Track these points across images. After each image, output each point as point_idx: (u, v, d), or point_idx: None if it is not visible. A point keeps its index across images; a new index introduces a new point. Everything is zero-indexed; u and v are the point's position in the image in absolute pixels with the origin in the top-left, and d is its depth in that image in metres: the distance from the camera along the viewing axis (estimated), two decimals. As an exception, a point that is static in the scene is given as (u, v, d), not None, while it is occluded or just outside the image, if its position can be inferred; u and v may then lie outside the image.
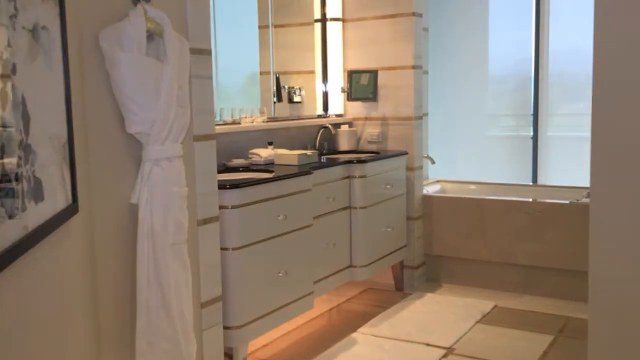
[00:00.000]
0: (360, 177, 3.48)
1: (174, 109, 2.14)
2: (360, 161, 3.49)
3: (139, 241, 2.12)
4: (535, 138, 4.89)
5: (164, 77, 2.11)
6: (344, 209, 3.45)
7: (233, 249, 2.61)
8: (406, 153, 3.97)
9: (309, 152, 3.31)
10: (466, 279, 4.03)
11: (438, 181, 4.76)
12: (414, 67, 3.96)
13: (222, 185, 2.56)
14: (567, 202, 3.69)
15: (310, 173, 3.03)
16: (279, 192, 2.82)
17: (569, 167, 4.86)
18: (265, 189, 2.74)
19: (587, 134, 2.26)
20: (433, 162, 4.55)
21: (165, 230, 2.14)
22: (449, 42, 5.24)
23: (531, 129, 4.95)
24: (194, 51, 2.33)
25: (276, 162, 3.26)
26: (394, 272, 4.02)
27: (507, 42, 5.02)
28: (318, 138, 3.95)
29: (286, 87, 3.96)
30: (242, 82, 3.99)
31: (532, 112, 4.89)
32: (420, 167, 4.13)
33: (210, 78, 2.44)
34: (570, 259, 3.64)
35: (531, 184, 4.86)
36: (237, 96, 3.88)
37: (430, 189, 4.49)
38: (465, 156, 5.29)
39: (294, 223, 2.91)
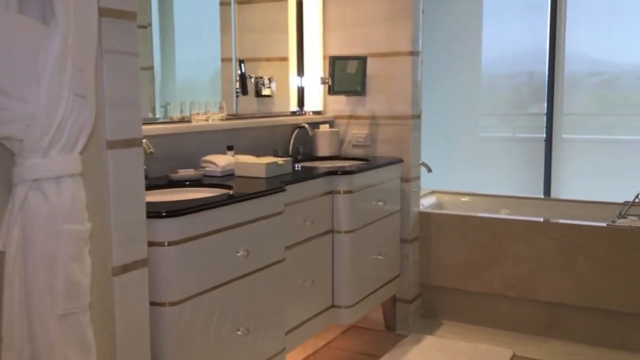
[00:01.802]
0: (346, 192, 2.71)
1: (65, 98, 1.34)
2: (346, 172, 2.71)
3: (5, 312, 1.33)
4: (548, 141, 4.17)
5: (49, 49, 1.32)
6: (325, 233, 2.67)
7: (170, 303, 1.81)
8: (401, 160, 3.20)
9: (280, 160, 2.52)
10: (473, 317, 3.28)
11: (433, 192, 4.02)
12: (411, 54, 3.19)
13: (155, 213, 1.76)
14: (604, 224, 2.97)
15: (283, 190, 2.24)
16: (239, 217, 2.02)
17: (585, 174, 4.18)
18: (219, 214, 1.94)
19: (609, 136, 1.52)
20: (430, 171, 3.79)
21: (50, 293, 1.34)
22: (439, 33, 4.50)
23: (544, 130, 4.24)
24: (108, 12, 1.53)
25: (238, 173, 2.46)
26: (384, 308, 3.26)
27: (503, 36, 4.31)
28: (292, 141, 3.16)
29: (253, 77, 3.16)
30: (200, 71, 3.17)
31: (545, 112, 4.18)
32: (418, 178, 3.37)
33: (136, 55, 1.63)
34: (605, 296, 2.93)
35: (543, 197, 4.15)
36: (194, 88, 3.06)
37: (425, 202, 3.74)
38: (459, 160, 4.57)
39: (259, 259, 2.12)
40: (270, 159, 2.54)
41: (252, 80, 3.17)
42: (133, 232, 1.63)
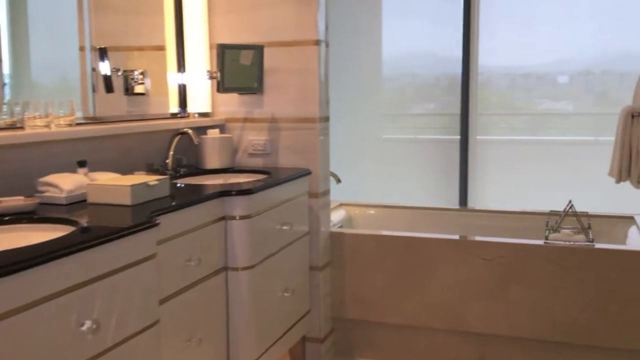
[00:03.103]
0: (243, 217, 2.11)
1: None
2: (242, 191, 2.11)
3: None
4: (464, 142, 3.78)
5: None
6: (217, 273, 2.05)
7: None
8: (309, 172, 2.65)
9: (151, 179, 1.87)
10: (395, 353, 2.79)
11: (341, 205, 3.51)
12: (318, 43, 2.65)
13: None
14: (541, 242, 2.59)
15: (153, 224, 1.60)
16: (82, 274, 1.36)
17: (502, 178, 3.85)
18: (48, 274, 1.27)
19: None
20: (339, 182, 3.28)
21: None
22: (337, 32, 4.02)
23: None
24: None
25: (92, 199, 1.79)
26: (291, 352, 2.69)
27: (402, 38, 3.94)
28: (172, 151, 2.50)
29: (120, 70, 2.47)
30: (55, 65, 2.42)
31: (459, 113, 3.79)
32: (327, 193, 2.83)
33: None
34: (543, 325, 2.54)
35: (460, 207, 3.76)
36: (49, 86, 2.31)
37: (335, 218, 3.21)
38: (364, 165, 4.10)
39: (118, 329, 1.47)
40: (139, 178, 1.89)
41: (120, 74, 2.48)
42: None
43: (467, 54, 3.71)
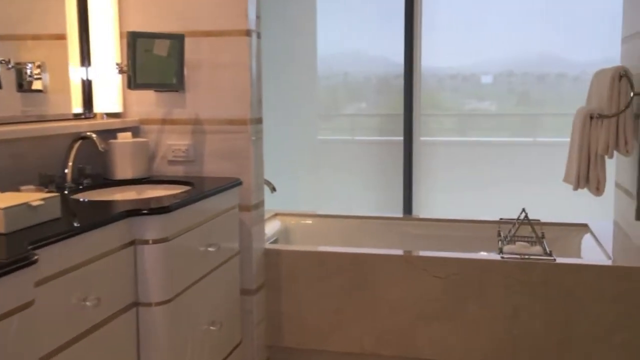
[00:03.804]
0: (158, 241, 1.73)
1: None
2: (156, 209, 1.73)
3: None
4: (408, 146, 3.52)
5: None
6: (123, 311, 1.67)
7: None
8: (240, 182, 2.29)
9: (37, 197, 1.48)
10: (340, 386, 2.49)
11: (276, 214, 3.17)
12: (249, 34, 2.30)
13: None
14: (498, 257, 2.34)
15: (31, 262, 1.21)
16: None
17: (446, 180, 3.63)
18: None
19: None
20: (274, 190, 2.94)
21: None
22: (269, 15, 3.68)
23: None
24: None
25: (-47, 225, 1.37)
26: (221, 391, 2.33)
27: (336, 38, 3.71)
28: (71, 159, 2.08)
29: (11, 62, 2.04)
30: None
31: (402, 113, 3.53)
32: (261, 205, 2.49)
33: None
34: (503, 349, 2.30)
35: (404, 215, 3.49)
36: None
37: (269, 231, 2.87)
38: (299, 170, 3.78)
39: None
40: (20, 197, 1.49)
41: (10, 66, 2.05)
42: None
43: (409, 53, 3.47)
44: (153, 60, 2.13)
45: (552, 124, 3.60)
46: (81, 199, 1.89)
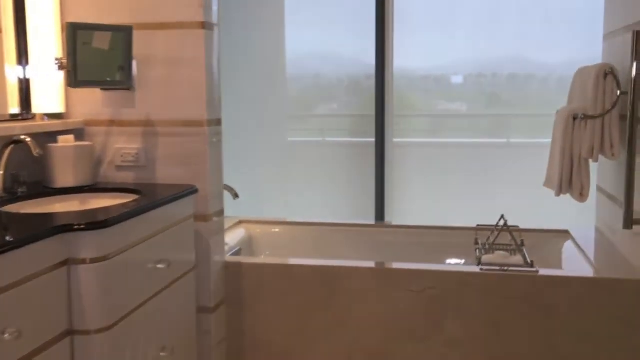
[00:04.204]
0: (96, 260, 1.51)
1: None
2: (92, 224, 1.51)
3: None
4: (380, 148, 3.35)
5: None
6: (55, 341, 1.44)
7: None
8: (195, 190, 2.08)
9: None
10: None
11: (240, 222, 2.97)
12: (204, 26, 2.09)
13: None
14: (478, 269, 2.17)
15: None
16: None
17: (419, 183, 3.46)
18: None
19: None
20: (236, 197, 2.74)
21: None
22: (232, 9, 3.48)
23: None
24: None
25: None
26: (176, 420, 2.11)
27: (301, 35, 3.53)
28: (3, 164, 1.85)
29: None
30: None
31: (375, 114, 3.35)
32: (221, 213, 2.28)
33: None
34: (485, 368, 2.14)
35: (376, 222, 3.31)
36: None
37: (231, 240, 2.67)
38: (266, 173, 3.58)
39: None
40: None
41: None
42: None
43: (381, 54, 3.31)
44: (95, 55, 1.91)
45: (523, 124, 3.51)
46: (9, 211, 1.66)
